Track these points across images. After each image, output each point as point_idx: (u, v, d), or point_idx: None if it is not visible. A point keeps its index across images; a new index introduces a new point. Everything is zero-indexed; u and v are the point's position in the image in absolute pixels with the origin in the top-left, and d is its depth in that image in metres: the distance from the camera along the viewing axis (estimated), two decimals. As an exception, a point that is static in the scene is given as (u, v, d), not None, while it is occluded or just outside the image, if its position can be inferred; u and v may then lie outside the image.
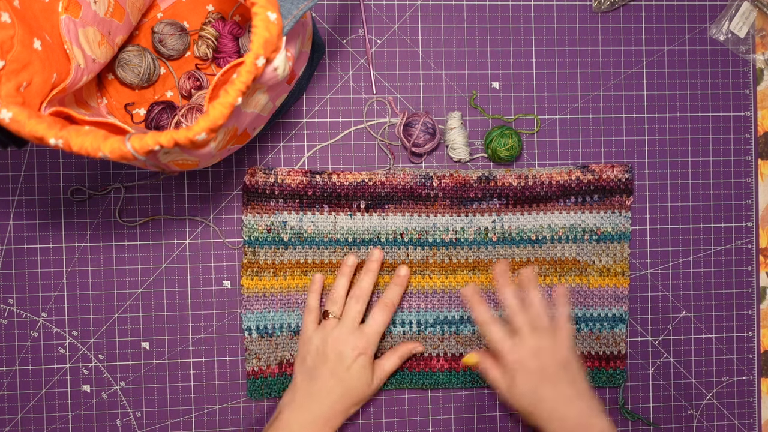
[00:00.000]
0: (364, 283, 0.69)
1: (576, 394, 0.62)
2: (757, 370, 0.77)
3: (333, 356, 0.66)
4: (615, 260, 0.73)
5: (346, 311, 0.68)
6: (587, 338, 0.73)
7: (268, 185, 0.70)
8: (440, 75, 0.73)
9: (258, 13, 0.48)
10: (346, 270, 0.69)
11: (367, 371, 0.67)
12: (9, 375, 0.70)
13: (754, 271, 0.77)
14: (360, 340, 0.66)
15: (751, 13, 0.75)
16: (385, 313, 0.68)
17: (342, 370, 0.65)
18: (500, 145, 0.70)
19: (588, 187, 0.73)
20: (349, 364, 0.65)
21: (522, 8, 0.74)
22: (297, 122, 0.73)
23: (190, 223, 0.72)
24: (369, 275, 0.69)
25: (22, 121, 0.46)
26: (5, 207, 0.70)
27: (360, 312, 0.68)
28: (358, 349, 0.66)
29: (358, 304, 0.68)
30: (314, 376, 0.66)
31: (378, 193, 0.72)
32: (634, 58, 0.75)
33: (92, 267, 0.71)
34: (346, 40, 0.73)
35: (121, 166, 0.71)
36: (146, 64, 0.67)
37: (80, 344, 0.71)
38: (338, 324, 0.67)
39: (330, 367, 0.65)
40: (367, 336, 0.67)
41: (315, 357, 0.66)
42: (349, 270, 0.69)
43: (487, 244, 0.73)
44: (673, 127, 0.76)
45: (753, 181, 0.77)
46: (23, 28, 0.49)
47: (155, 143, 0.47)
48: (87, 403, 0.71)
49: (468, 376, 0.73)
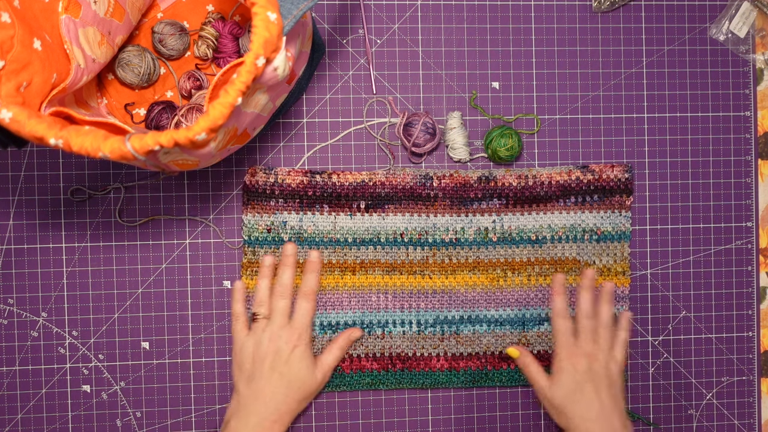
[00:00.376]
0: (284, 279, 0.69)
1: (612, 409, 0.65)
2: (757, 370, 0.77)
3: (270, 354, 0.66)
4: (615, 260, 0.73)
5: (274, 309, 0.68)
6: (587, 338, 0.73)
7: (268, 185, 0.70)
8: (440, 75, 0.73)
9: (258, 13, 0.48)
10: (266, 271, 0.70)
11: (307, 361, 0.67)
12: (9, 375, 0.70)
13: (754, 271, 0.77)
14: (292, 333, 0.67)
15: (751, 13, 0.75)
16: (308, 301, 0.69)
17: (281, 364, 0.66)
18: (500, 145, 0.70)
19: (588, 187, 0.73)
20: (286, 357, 0.66)
21: (522, 8, 0.74)
22: (297, 122, 0.73)
23: (190, 223, 0.72)
24: (288, 270, 0.70)
25: (22, 121, 0.46)
26: (5, 207, 0.70)
27: (286, 307, 0.68)
28: (293, 342, 0.67)
29: (283, 300, 0.68)
30: (255, 378, 0.66)
31: (378, 193, 0.72)
32: (634, 58, 0.75)
33: (92, 267, 0.71)
34: (346, 40, 0.73)
35: (121, 166, 0.71)
36: (146, 64, 0.67)
37: (80, 344, 0.71)
38: (268, 323, 0.68)
39: (269, 365, 0.66)
40: (298, 328, 0.68)
41: (252, 361, 0.67)
42: (269, 271, 0.70)
43: (487, 244, 0.73)
44: (673, 127, 0.76)
45: (753, 181, 0.77)
46: (23, 28, 0.49)
47: (155, 143, 0.47)
48: (87, 403, 0.71)
49: (468, 375, 0.73)
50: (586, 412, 0.64)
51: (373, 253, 0.72)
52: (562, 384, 0.66)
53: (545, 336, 0.73)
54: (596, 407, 0.64)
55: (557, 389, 0.66)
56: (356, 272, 0.72)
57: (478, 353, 0.73)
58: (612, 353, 0.68)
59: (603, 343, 0.68)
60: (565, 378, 0.66)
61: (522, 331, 0.73)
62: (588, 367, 0.66)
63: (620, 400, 0.66)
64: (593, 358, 0.67)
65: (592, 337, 0.68)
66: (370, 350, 0.72)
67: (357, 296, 0.72)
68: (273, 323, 0.68)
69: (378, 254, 0.72)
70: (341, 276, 0.72)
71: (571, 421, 0.64)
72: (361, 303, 0.72)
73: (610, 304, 0.70)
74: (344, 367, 0.72)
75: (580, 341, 0.68)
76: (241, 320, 0.69)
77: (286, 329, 0.67)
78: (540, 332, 0.73)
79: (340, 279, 0.72)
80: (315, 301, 0.70)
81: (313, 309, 0.69)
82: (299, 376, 0.66)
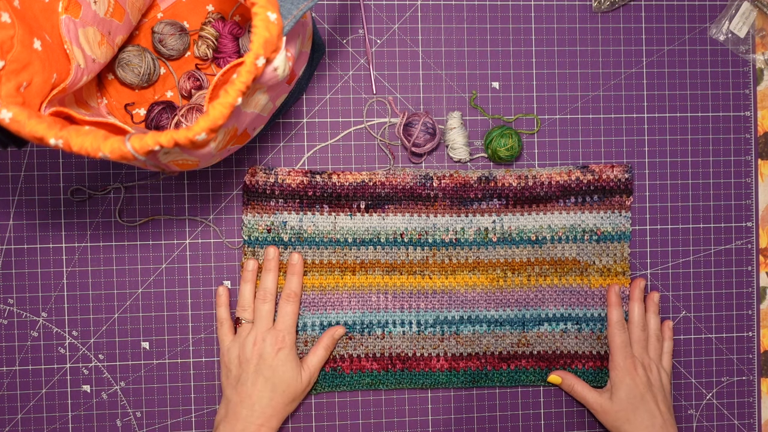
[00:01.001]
0: (267, 283, 0.69)
1: (670, 419, 0.68)
2: (757, 370, 0.77)
3: (255, 358, 0.66)
4: (615, 260, 0.73)
5: (257, 313, 0.68)
6: (588, 338, 0.73)
7: (269, 185, 0.70)
8: (440, 75, 0.73)
9: (258, 13, 0.48)
10: (248, 275, 0.70)
11: (292, 363, 0.67)
12: (9, 375, 0.70)
13: (754, 271, 0.77)
14: (276, 336, 0.67)
15: (751, 13, 0.75)
16: (291, 304, 0.69)
17: (266, 368, 0.66)
18: (500, 145, 0.70)
19: (588, 187, 0.73)
20: (271, 361, 0.66)
21: (522, 8, 0.74)
22: (297, 122, 0.73)
23: (190, 223, 0.72)
24: (270, 274, 0.69)
25: (22, 121, 0.46)
26: (5, 207, 0.70)
27: (270, 311, 0.68)
28: (277, 344, 0.67)
29: (266, 304, 0.68)
30: (241, 382, 0.66)
31: (378, 193, 0.72)
32: (634, 58, 0.75)
33: (92, 267, 0.71)
34: (346, 40, 0.73)
35: (121, 166, 0.71)
36: (146, 64, 0.67)
37: (80, 344, 0.71)
38: (252, 327, 0.68)
39: (254, 368, 0.66)
40: (281, 331, 0.68)
41: (238, 365, 0.67)
42: (251, 275, 0.70)
43: (487, 244, 0.73)
44: (673, 127, 0.76)
45: (753, 181, 0.77)
46: (23, 28, 0.49)
47: (155, 143, 0.47)
48: (87, 403, 0.71)
49: (468, 376, 0.73)
50: (649, 423, 0.67)
51: (373, 254, 0.72)
52: (624, 396, 0.68)
53: (545, 336, 0.73)
54: (658, 418, 0.67)
55: (618, 402, 0.68)
56: (356, 272, 0.72)
57: (477, 353, 0.73)
58: (662, 363, 0.71)
59: (653, 353, 0.71)
60: (625, 390, 0.68)
61: (522, 331, 0.73)
62: (646, 378, 0.69)
63: (672, 409, 0.70)
64: (649, 370, 0.70)
65: (644, 346, 0.71)
66: (370, 350, 0.72)
67: (357, 296, 0.72)
68: (257, 327, 0.68)
69: (378, 254, 0.72)
70: (341, 276, 0.72)
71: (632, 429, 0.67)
72: (361, 303, 0.72)
73: (657, 315, 0.72)
74: (344, 367, 0.72)
75: (635, 353, 0.70)
76: (226, 325, 0.69)
77: (270, 333, 0.67)
78: (540, 332, 0.73)
79: (340, 279, 0.72)
80: (298, 303, 0.70)
81: (295, 311, 0.69)
82: (284, 378, 0.66)
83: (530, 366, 0.73)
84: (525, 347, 0.73)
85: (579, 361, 0.73)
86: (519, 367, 0.73)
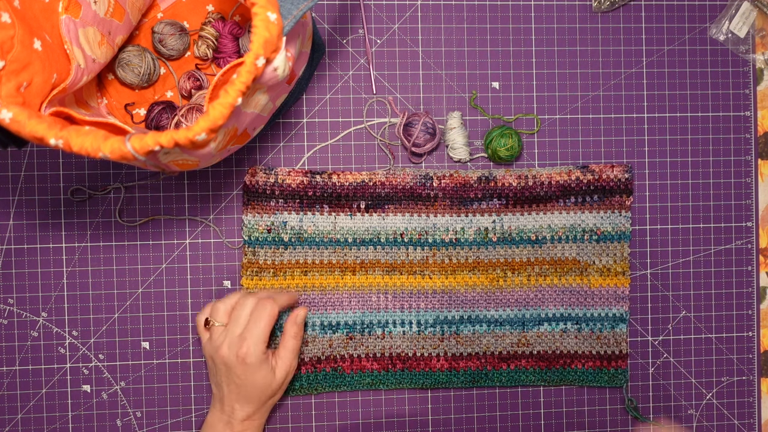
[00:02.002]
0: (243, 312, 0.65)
1: None
2: (757, 370, 0.77)
3: (223, 367, 0.64)
4: (615, 260, 0.73)
5: (232, 320, 0.64)
6: (588, 338, 0.73)
7: (269, 185, 0.70)
8: (440, 75, 0.73)
9: (258, 13, 0.48)
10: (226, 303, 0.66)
11: (260, 366, 0.63)
12: (9, 375, 0.70)
13: (754, 271, 0.77)
14: (241, 345, 0.63)
15: (751, 13, 0.75)
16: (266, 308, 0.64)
17: (235, 376, 0.63)
18: (500, 145, 0.70)
19: (588, 187, 0.73)
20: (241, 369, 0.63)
21: (522, 8, 0.74)
22: (297, 122, 0.73)
23: (190, 223, 0.72)
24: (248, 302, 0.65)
25: (23, 122, 0.46)
26: (5, 207, 0.70)
27: (245, 319, 0.64)
28: (241, 355, 0.63)
29: (243, 311, 0.64)
30: (217, 384, 0.65)
31: (378, 193, 0.72)
32: (634, 58, 0.75)
33: (92, 267, 0.71)
34: (346, 40, 0.73)
35: (121, 166, 0.71)
36: (146, 64, 0.67)
37: (80, 344, 0.71)
38: (225, 331, 0.64)
39: (225, 375, 0.64)
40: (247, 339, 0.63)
41: (213, 366, 0.65)
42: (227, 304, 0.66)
43: (487, 244, 0.73)
44: (673, 127, 0.76)
45: (753, 181, 0.77)
46: (23, 28, 0.49)
47: (155, 143, 0.47)
48: (87, 403, 0.71)
49: (468, 375, 0.73)
50: None
51: (373, 253, 0.72)
52: None
53: (545, 336, 0.73)
54: None
55: None
56: (356, 272, 0.72)
57: (477, 353, 0.73)
58: None
59: None
60: None
61: (522, 331, 0.73)
62: None
63: None
64: None
65: None
66: (370, 350, 0.72)
67: (357, 296, 0.72)
68: (230, 332, 0.64)
69: (378, 254, 0.72)
70: (341, 276, 0.72)
71: None
72: (361, 303, 0.72)
73: None
74: (344, 367, 0.72)
75: None
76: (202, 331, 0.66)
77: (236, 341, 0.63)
78: (539, 332, 0.73)
79: (340, 279, 0.72)
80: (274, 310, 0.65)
81: (270, 316, 0.64)
82: (256, 384, 0.64)
83: (530, 366, 0.73)
84: (525, 347, 0.73)
85: (579, 360, 0.73)
86: (519, 367, 0.73)
